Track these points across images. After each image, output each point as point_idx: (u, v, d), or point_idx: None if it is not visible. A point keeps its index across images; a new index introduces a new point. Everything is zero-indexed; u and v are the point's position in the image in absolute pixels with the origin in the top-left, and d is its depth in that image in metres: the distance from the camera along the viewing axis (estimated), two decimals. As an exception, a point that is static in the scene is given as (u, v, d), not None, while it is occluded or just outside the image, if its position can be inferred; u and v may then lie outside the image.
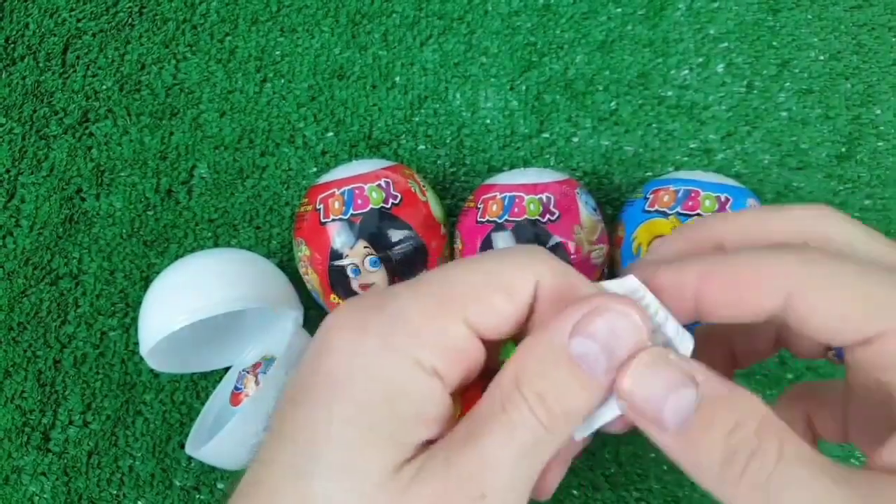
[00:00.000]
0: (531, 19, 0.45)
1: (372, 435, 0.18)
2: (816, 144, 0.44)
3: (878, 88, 0.44)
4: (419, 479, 0.18)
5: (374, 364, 0.18)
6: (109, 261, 0.44)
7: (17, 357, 0.43)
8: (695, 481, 0.18)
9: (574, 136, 0.44)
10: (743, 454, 0.17)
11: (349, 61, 0.46)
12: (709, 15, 0.45)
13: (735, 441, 0.17)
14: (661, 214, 0.36)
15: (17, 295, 0.44)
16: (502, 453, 0.18)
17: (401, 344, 0.19)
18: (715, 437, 0.18)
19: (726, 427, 0.18)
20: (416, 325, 0.19)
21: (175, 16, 0.46)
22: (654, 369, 0.19)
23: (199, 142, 0.45)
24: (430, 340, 0.19)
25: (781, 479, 0.17)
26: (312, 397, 0.19)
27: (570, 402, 0.19)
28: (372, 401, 0.18)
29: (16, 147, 0.45)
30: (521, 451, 0.18)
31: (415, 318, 0.19)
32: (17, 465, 0.42)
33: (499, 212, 0.36)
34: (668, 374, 0.18)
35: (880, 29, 0.45)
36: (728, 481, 0.17)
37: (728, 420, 0.18)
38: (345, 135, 0.45)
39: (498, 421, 0.19)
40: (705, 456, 0.18)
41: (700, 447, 0.18)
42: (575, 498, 0.41)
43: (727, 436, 0.17)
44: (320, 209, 0.37)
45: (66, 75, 0.46)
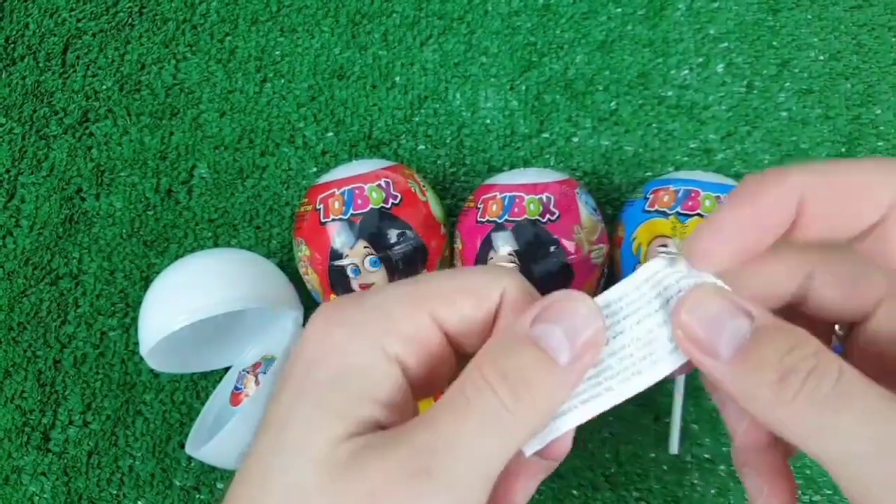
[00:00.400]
0: (531, 19, 0.45)
1: (321, 410, 0.19)
2: (816, 144, 0.44)
3: (878, 88, 0.44)
4: (363, 454, 0.18)
5: (342, 349, 0.19)
6: (109, 261, 0.44)
7: (17, 357, 0.43)
8: (748, 411, 0.18)
9: (574, 136, 0.44)
10: (800, 373, 0.17)
11: (349, 61, 0.46)
12: (709, 15, 0.45)
13: (791, 361, 0.17)
14: (661, 214, 0.36)
15: (17, 295, 0.44)
16: (455, 430, 0.18)
17: (371, 332, 0.20)
18: (770, 358, 0.18)
19: (782, 350, 0.18)
20: (388, 316, 0.20)
21: (175, 16, 0.46)
22: (709, 300, 0.19)
23: (199, 142, 0.45)
24: (397, 329, 0.20)
25: (842, 397, 0.17)
26: (287, 384, 0.20)
27: (535, 384, 0.19)
28: (327, 378, 0.19)
29: (16, 147, 0.45)
30: (478, 430, 0.18)
31: (388, 310, 0.20)
32: (17, 465, 0.42)
33: (499, 212, 0.36)
34: (723, 304, 0.19)
35: (880, 29, 0.45)
36: (782, 402, 0.17)
37: (783, 344, 0.18)
38: (345, 135, 0.45)
39: (455, 401, 0.19)
40: (759, 378, 0.18)
41: (754, 371, 0.18)
42: (575, 498, 0.41)
43: (783, 357, 0.18)
44: (320, 209, 0.37)
45: (66, 75, 0.46)
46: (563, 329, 0.19)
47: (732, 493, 0.40)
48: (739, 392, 0.18)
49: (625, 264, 0.37)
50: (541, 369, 0.19)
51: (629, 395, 0.21)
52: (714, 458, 0.41)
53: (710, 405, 0.41)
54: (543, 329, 0.19)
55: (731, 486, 0.40)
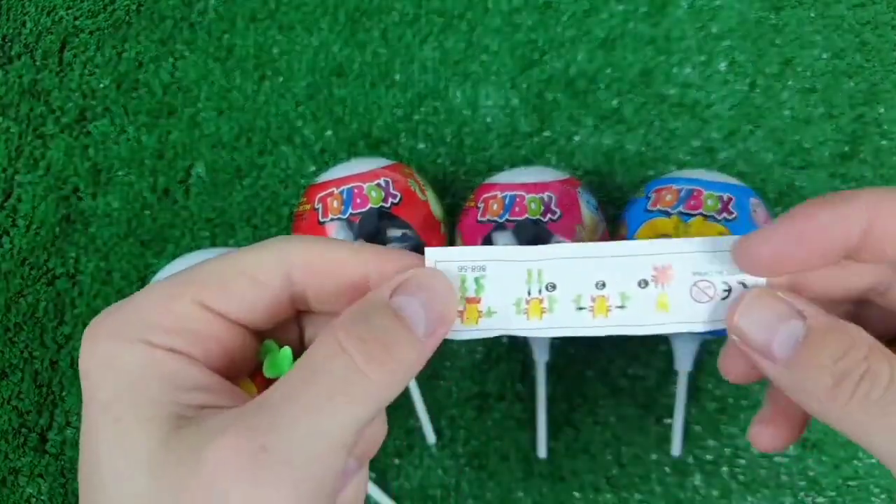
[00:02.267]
0: (532, 17, 0.45)
1: (121, 427, 0.18)
2: (819, 143, 0.43)
3: (881, 87, 0.44)
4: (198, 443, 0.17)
5: (109, 360, 0.19)
6: (106, 261, 0.44)
7: (13, 358, 0.43)
8: (806, 409, 0.19)
9: (575, 134, 0.44)
10: (853, 376, 0.18)
11: (348, 59, 0.45)
12: (711, 13, 0.45)
13: (845, 364, 0.18)
14: (663, 214, 0.36)
15: (13, 295, 0.43)
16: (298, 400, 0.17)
17: (130, 333, 0.19)
18: (823, 362, 0.18)
19: (835, 353, 0.18)
20: (145, 312, 0.19)
21: (173, 14, 0.46)
22: (762, 303, 0.20)
23: (197, 141, 0.45)
24: (159, 322, 0.19)
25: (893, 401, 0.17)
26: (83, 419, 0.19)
27: (394, 348, 0.18)
28: (112, 395, 0.18)
29: (12, 146, 0.45)
30: (326, 398, 0.17)
31: (144, 307, 0.19)
32: (14, 467, 0.42)
33: (499, 211, 0.36)
34: (776, 307, 0.19)
35: (883, 27, 0.44)
36: (839, 404, 0.18)
37: (837, 347, 0.18)
38: (344, 133, 0.45)
39: (301, 372, 0.18)
40: (814, 381, 0.18)
41: (809, 374, 0.18)
42: (576, 500, 0.40)
43: (836, 361, 0.18)
44: (319, 208, 0.36)
45: (63, 73, 0.46)
46: (420, 302, 0.19)
47: (735, 494, 0.40)
48: (796, 393, 0.19)
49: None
50: (400, 336, 0.19)
51: None
52: (716, 459, 0.40)
53: (711, 407, 0.41)
54: (403, 299, 0.19)
55: (734, 488, 0.40)
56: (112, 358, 0.19)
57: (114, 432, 0.18)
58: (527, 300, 0.22)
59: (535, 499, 0.40)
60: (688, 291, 0.22)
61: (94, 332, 0.19)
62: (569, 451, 0.41)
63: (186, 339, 0.19)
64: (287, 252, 0.20)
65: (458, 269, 0.22)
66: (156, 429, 0.18)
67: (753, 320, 0.20)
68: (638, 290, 0.22)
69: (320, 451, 0.17)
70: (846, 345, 0.18)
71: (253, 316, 0.20)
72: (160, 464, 0.17)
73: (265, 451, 0.17)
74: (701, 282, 0.22)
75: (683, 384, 0.39)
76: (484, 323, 0.22)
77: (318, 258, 0.20)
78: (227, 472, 0.17)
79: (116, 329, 0.19)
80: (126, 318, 0.19)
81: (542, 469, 0.41)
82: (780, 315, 0.19)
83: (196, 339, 0.19)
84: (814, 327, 0.19)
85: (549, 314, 0.22)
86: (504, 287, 0.22)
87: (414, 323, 0.19)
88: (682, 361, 0.38)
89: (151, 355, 0.19)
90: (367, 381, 0.18)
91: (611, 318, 0.22)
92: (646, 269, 0.22)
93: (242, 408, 0.18)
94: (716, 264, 0.22)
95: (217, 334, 0.20)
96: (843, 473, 0.40)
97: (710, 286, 0.21)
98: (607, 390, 0.41)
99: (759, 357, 0.19)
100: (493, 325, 0.22)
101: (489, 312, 0.22)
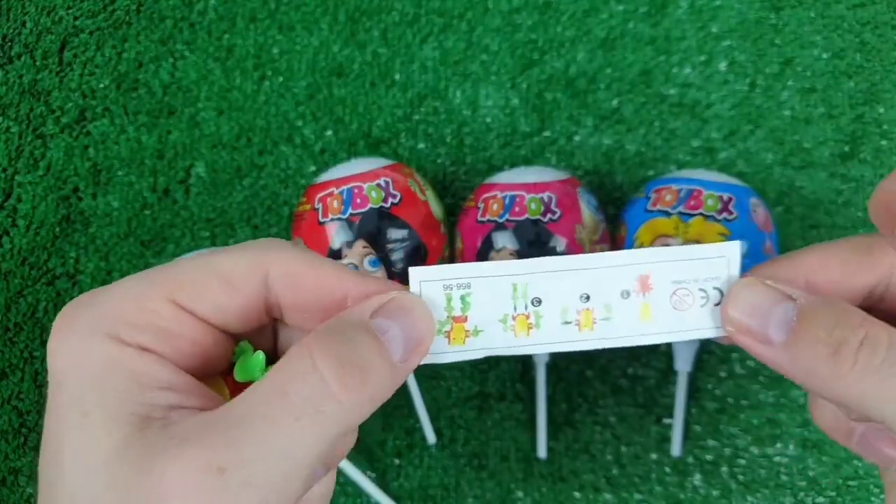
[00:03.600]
0: (532, 17, 0.45)
1: (87, 421, 0.17)
2: (819, 143, 0.43)
3: (881, 87, 0.44)
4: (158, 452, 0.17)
5: (79, 353, 0.18)
6: (106, 261, 0.44)
7: (13, 358, 0.43)
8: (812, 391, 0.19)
9: (575, 134, 0.44)
10: (851, 343, 0.18)
11: (348, 59, 0.45)
12: (711, 12, 0.45)
13: (840, 333, 0.18)
14: (663, 214, 0.36)
15: (13, 295, 0.43)
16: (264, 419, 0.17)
17: (101, 327, 0.18)
18: (819, 334, 0.18)
19: (829, 324, 0.18)
20: (117, 307, 0.19)
21: (173, 14, 0.46)
22: (753, 291, 0.20)
23: (197, 140, 0.45)
24: (130, 319, 0.19)
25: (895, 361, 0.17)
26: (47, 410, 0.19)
27: (371, 372, 0.18)
28: (81, 389, 0.18)
29: (12, 146, 0.45)
30: (293, 419, 0.17)
31: (117, 301, 0.19)
32: (14, 467, 0.42)
33: (499, 211, 0.36)
34: (766, 292, 0.20)
35: (883, 27, 0.44)
36: (841, 374, 0.18)
37: (829, 318, 0.19)
38: (344, 133, 0.45)
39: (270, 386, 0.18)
40: (813, 355, 0.18)
41: (807, 349, 0.19)
42: (576, 500, 0.40)
43: (832, 331, 0.18)
44: (319, 208, 0.36)
45: (63, 73, 0.46)
46: (400, 327, 0.19)
47: (734, 494, 0.40)
48: (798, 373, 0.19)
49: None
50: (376, 360, 0.18)
51: None
52: (716, 459, 0.40)
53: (711, 407, 0.41)
54: (382, 322, 0.19)
55: (734, 488, 0.40)
56: (82, 351, 0.18)
57: (80, 426, 0.17)
58: (513, 316, 0.22)
59: (534, 499, 0.41)
60: (668, 300, 0.22)
61: (66, 323, 0.19)
62: (569, 452, 0.41)
63: (157, 336, 0.19)
64: (265, 258, 0.20)
65: (444, 287, 0.21)
66: (119, 428, 0.17)
67: (746, 308, 0.20)
68: (621, 300, 0.22)
69: (282, 473, 0.17)
70: (839, 315, 0.19)
71: (225, 319, 0.20)
72: (119, 466, 0.17)
73: (223, 472, 0.16)
74: (679, 290, 0.22)
75: (683, 384, 0.39)
76: (471, 342, 0.22)
77: (298, 269, 0.20)
78: (181, 490, 0.16)
79: (87, 321, 0.19)
80: (97, 312, 0.19)
81: (541, 469, 0.41)
82: (770, 299, 0.20)
83: (166, 337, 0.19)
84: (805, 305, 0.19)
85: (535, 330, 0.22)
86: (490, 303, 0.21)
87: (392, 347, 0.19)
88: (682, 361, 0.38)
89: (120, 351, 0.18)
90: (337, 404, 0.17)
91: (596, 331, 0.22)
92: (627, 279, 0.22)
93: (207, 417, 0.17)
94: (692, 272, 0.22)
95: (189, 333, 0.19)
96: (843, 473, 0.40)
97: (688, 294, 0.22)
98: (607, 390, 0.41)
99: (756, 344, 0.20)
100: (480, 344, 0.22)
101: (476, 331, 0.22)
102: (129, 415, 0.17)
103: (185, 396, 0.19)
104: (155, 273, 0.20)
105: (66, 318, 0.19)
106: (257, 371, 0.21)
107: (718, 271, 0.22)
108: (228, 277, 0.19)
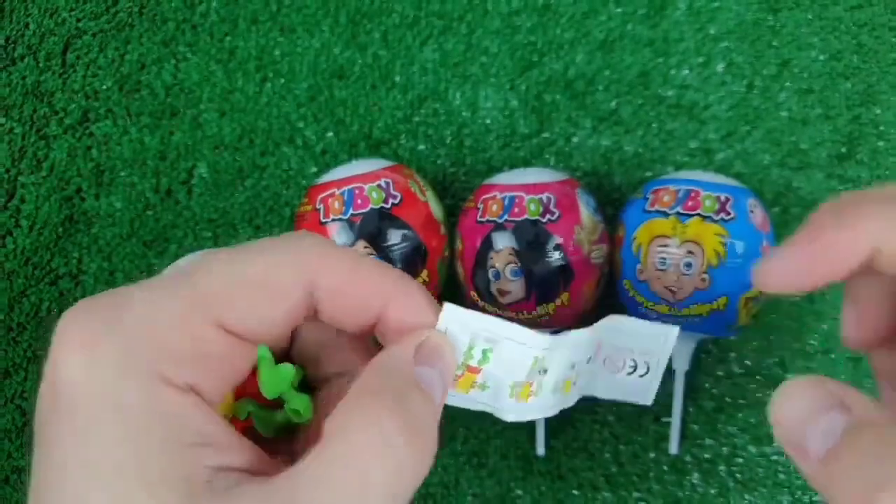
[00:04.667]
0: (531, 19, 0.45)
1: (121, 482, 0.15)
2: (817, 144, 0.44)
3: (878, 88, 0.44)
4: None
5: (110, 391, 0.15)
6: (109, 261, 0.44)
7: (16, 357, 0.43)
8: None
9: (574, 135, 0.44)
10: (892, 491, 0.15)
11: (349, 61, 0.46)
12: (709, 14, 0.45)
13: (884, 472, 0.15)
14: (661, 214, 0.36)
15: (16, 295, 0.44)
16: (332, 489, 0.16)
17: (143, 360, 0.16)
18: (862, 468, 0.16)
19: (875, 458, 0.16)
20: (160, 334, 0.16)
21: (175, 16, 0.46)
22: (801, 393, 0.17)
23: (199, 142, 0.45)
24: (176, 350, 0.16)
25: None
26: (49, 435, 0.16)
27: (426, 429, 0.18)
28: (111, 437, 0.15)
29: (15, 147, 0.45)
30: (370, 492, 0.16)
31: (158, 325, 0.16)
32: (18, 466, 0.42)
33: (499, 212, 0.36)
34: (815, 397, 0.17)
35: (881, 29, 0.45)
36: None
37: (878, 451, 0.16)
38: (344, 135, 0.45)
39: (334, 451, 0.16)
40: (848, 488, 0.16)
41: (844, 477, 0.16)
42: (575, 498, 0.40)
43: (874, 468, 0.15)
44: (320, 209, 0.37)
45: (66, 75, 0.46)
46: (438, 371, 0.19)
47: (732, 493, 0.40)
48: (829, 496, 0.17)
49: (625, 264, 0.37)
50: (431, 419, 0.18)
51: None
52: (714, 458, 0.41)
53: (709, 405, 0.41)
54: (427, 373, 0.19)
55: (731, 486, 0.40)
56: (114, 389, 0.15)
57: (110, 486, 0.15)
58: (521, 384, 0.22)
59: (533, 497, 0.41)
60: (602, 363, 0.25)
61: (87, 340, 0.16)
62: (567, 450, 0.41)
63: (203, 369, 0.17)
64: (310, 267, 0.18)
65: (472, 335, 0.21)
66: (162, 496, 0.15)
67: (789, 411, 0.18)
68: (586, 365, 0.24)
69: None
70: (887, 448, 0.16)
71: (271, 333, 0.18)
72: None
73: None
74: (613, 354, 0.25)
75: (681, 383, 0.39)
76: (474, 394, 0.21)
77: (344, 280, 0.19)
78: None
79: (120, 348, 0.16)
80: (133, 338, 0.16)
81: (540, 467, 0.41)
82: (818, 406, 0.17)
83: (211, 368, 0.17)
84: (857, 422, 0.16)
85: (534, 397, 0.22)
86: (507, 366, 0.21)
87: (433, 393, 0.19)
88: (680, 361, 0.38)
89: (163, 396, 0.16)
90: (412, 477, 0.17)
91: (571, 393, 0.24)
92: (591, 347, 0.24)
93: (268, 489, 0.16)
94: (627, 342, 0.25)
95: (237, 361, 0.18)
96: (839, 472, 0.40)
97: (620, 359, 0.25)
98: (606, 389, 0.41)
99: (792, 451, 0.17)
100: (481, 399, 0.22)
101: (483, 386, 0.21)
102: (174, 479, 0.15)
103: (226, 453, 0.17)
104: (193, 290, 0.17)
105: (86, 334, 0.16)
106: (286, 385, 0.20)
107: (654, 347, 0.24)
108: (271, 289, 0.18)
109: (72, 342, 0.16)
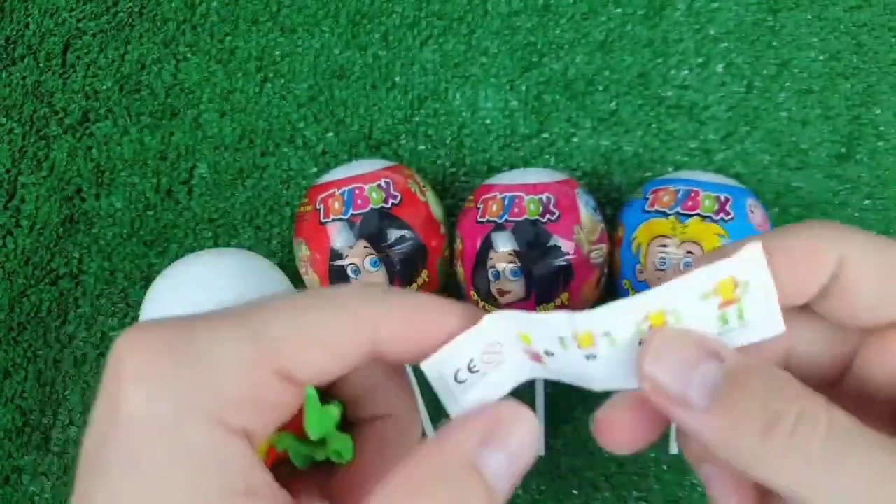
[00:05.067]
0: (531, 19, 0.45)
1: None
2: (816, 144, 0.44)
3: (877, 88, 0.44)
4: None
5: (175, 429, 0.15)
6: (109, 261, 0.44)
7: (17, 357, 0.43)
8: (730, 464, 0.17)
9: (574, 136, 0.44)
10: (787, 421, 0.15)
11: (349, 61, 0.46)
12: (709, 15, 0.45)
13: (775, 407, 0.16)
14: (660, 214, 0.36)
15: (17, 295, 0.44)
16: None
17: (207, 402, 0.16)
18: (750, 405, 0.16)
19: (763, 394, 0.16)
20: (225, 377, 0.16)
21: (175, 16, 0.47)
22: (673, 346, 0.17)
23: (200, 142, 0.45)
24: (240, 396, 0.16)
25: (835, 450, 0.15)
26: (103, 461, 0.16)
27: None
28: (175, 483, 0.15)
29: (16, 147, 0.45)
30: None
31: (224, 369, 0.16)
32: (17, 465, 0.42)
33: (499, 212, 0.36)
34: (689, 349, 0.17)
35: (880, 29, 0.45)
36: (772, 454, 0.16)
37: (763, 387, 0.16)
38: (345, 135, 0.45)
39: None
40: (741, 429, 0.16)
41: (734, 420, 0.16)
42: (575, 497, 0.41)
43: (765, 403, 0.16)
44: (320, 209, 0.37)
45: (67, 75, 0.46)
46: (506, 455, 0.17)
47: (732, 492, 0.40)
48: (719, 444, 0.17)
49: (624, 264, 0.37)
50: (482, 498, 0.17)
51: None
52: (714, 457, 0.41)
53: (709, 405, 0.41)
54: (489, 456, 0.17)
55: (731, 486, 0.40)
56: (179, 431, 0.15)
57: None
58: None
59: (533, 496, 0.41)
60: None
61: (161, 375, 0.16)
62: (567, 449, 0.41)
63: (260, 415, 0.17)
64: (369, 317, 0.18)
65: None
66: None
67: (664, 365, 0.17)
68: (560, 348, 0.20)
69: None
70: (773, 384, 0.16)
71: (322, 381, 0.18)
72: None
73: None
74: None
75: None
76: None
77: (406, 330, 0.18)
78: None
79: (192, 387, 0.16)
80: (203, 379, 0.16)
81: (540, 466, 0.41)
82: (694, 355, 0.17)
83: (264, 411, 0.17)
84: (734, 368, 0.17)
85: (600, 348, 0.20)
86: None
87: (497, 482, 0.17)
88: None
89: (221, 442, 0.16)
90: None
91: None
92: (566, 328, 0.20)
93: None
94: None
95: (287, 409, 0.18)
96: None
97: None
98: (606, 389, 0.41)
99: (675, 407, 0.17)
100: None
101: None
102: None
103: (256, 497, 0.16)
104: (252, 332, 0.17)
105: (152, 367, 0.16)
106: (331, 425, 0.19)
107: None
108: (332, 349, 0.18)
109: (136, 372, 0.16)
